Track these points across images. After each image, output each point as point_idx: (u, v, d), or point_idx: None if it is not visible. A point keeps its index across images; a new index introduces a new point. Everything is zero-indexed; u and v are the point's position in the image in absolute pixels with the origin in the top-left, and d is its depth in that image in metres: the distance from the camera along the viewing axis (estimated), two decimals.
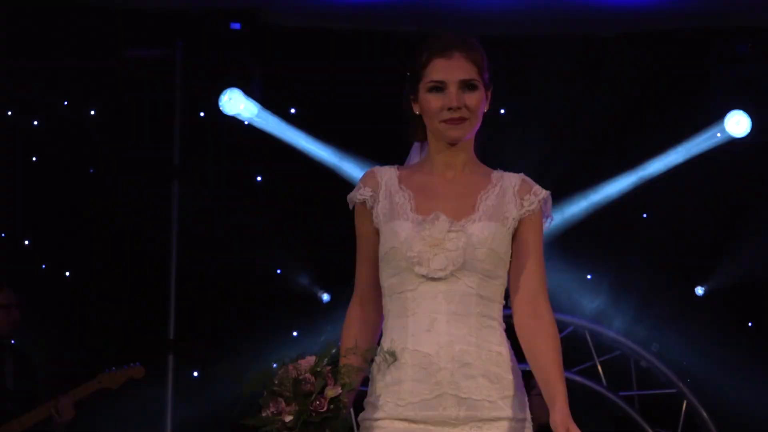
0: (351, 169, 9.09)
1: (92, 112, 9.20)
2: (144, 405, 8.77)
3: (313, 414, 3.67)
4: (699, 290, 9.35)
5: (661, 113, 9.30)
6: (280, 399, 3.69)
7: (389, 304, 3.91)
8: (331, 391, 3.68)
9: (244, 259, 9.14)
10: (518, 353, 3.89)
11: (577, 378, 8.16)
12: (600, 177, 9.00)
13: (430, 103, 3.86)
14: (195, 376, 9.15)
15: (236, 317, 8.89)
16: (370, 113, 8.34)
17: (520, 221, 3.93)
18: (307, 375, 3.68)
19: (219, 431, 8.92)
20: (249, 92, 9.08)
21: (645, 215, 9.28)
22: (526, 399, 3.92)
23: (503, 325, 3.92)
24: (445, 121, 3.85)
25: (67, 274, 9.16)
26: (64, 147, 9.03)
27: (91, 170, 9.14)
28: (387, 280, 3.90)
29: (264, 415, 3.71)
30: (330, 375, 3.72)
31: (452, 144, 3.93)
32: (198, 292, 9.19)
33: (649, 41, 9.15)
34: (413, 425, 3.81)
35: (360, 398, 3.87)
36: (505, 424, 3.82)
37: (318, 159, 9.17)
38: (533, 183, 3.99)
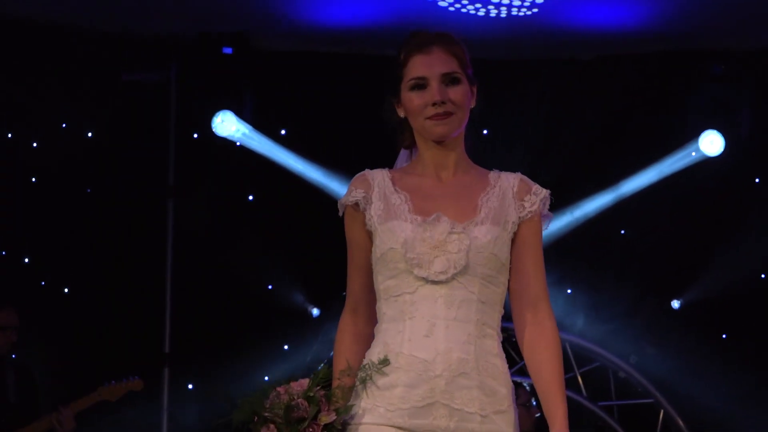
0: (339, 188, 9.06)
1: (89, 134, 9.20)
2: (141, 416, 8.74)
3: None
4: (675, 303, 9.35)
5: (638, 133, 9.34)
6: (272, 425, 3.52)
7: (384, 307, 3.72)
8: (325, 417, 3.53)
9: (237, 275, 9.12)
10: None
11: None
12: (580, 195, 8.98)
13: (413, 101, 3.71)
14: (190, 389, 9.11)
15: (230, 331, 8.86)
16: (357, 134, 8.35)
17: (520, 224, 3.76)
18: (300, 400, 3.52)
19: None
20: (241, 114, 9.10)
21: (623, 231, 9.29)
22: (517, 414, 3.74)
23: (500, 335, 3.76)
24: (430, 118, 3.69)
25: (66, 290, 9.13)
26: (62, 168, 9.02)
27: (89, 190, 9.13)
28: (383, 283, 3.72)
29: None
30: (323, 399, 3.57)
31: (440, 142, 3.76)
32: (193, 307, 9.18)
33: (627, 64, 9.19)
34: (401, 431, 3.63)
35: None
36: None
37: (308, 178, 9.17)
38: (532, 183, 3.82)
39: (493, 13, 8.45)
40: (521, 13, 8.53)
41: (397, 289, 3.66)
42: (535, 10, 8.43)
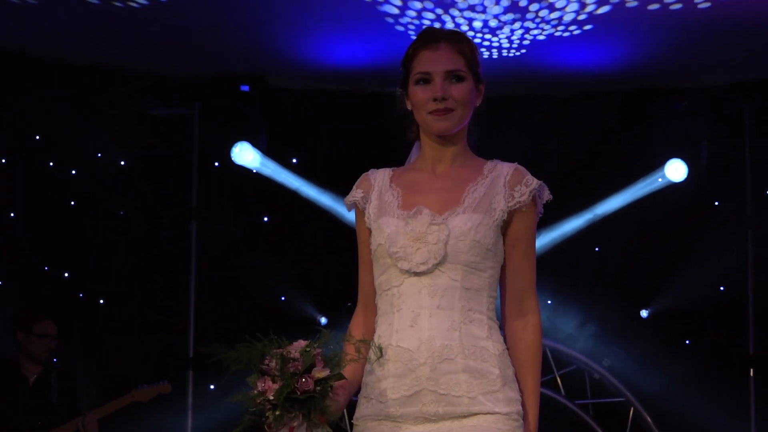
0: (344, 210, 8.96)
1: (122, 163, 9.19)
2: (168, 414, 8.75)
3: (298, 392, 3.31)
4: (644, 313, 9.34)
5: (611, 161, 9.36)
6: (267, 377, 3.34)
7: (379, 302, 3.61)
8: (320, 373, 3.34)
9: (253, 288, 9.14)
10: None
11: (540, 389, 8.25)
12: (559, 216, 9.04)
13: (417, 95, 3.56)
14: (211, 389, 9.07)
15: (247, 337, 8.75)
16: (360, 162, 8.37)
17: (510, 213, 3.57)
18: (296, 354, 3.33)
19: None
20: (256, 145, 9.09)
21: (597, 249, 9.30)
22: (518, 396, 3.51)
23: (495, 319, 3.57)
24: (431, 113, 3.54)
25: (102, 301, 9.12)
26: (97, 193, 9.05)
27: (122, 212, 9.12)
28: (377, 279, 3.62)
29: (251, 393, 3.35)
30: (319, 357, 3.37)
31: (440, 136, 3.61)
32: (214, 316, 9.19)
33: (600, 100, 9.21)
34: (395, 424, 3.48)
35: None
36: (485, 418, 3.42)
37: (316, 202, 9.16)
38: (526, 172, 3.63)
39: (486, 55, 8.49)
40: (511, 54, 8.55)
41: (387, 284, 3.55)
42: (524, 51, 8.46)
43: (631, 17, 7.94)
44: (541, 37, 8.26)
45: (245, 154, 9.06)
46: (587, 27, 8.10)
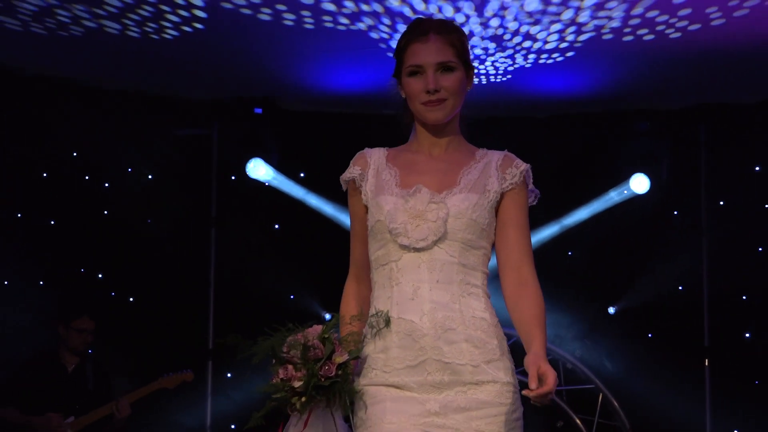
0: (346, 218, 9.08)
1: (150, 177, 9.21)
2: (190, 399, 8.76)
3: (322, 379, 3.25)
4: (611, 309, 9.37)
5: (583, 175, 9.36)
6: (290, 366, 3.25)
7: (375, 276, 3.49)
8: (339, 357, 3.30)
9: (266, 287, 9.11)
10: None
11: (519, 377, 8.17)
12: (536, 224, 8.95)
13: (410, 86, 3.44)
14: (228, 377, 9.06)
15: (259, 331, 8.68)
16: None
17: (503, 195, 3.47)
18: (316, 341, 3.27)
19: (247, 419, 8.98)
20: (269, 161, 9.10)
21: (570, 253, 9.27)
22: (512, 364, 3.41)
23: (488, 293, 3.47)
24: (424, 104, 3.43)
25: (131, 299, 9.14)
26: (128, 203, 9.06)
27: (149, 220, 9.13)
28: (374, 253, 3.49)
29: (274, 382, 3.28)
30: (337, 342, 3.33)
31: (433, 124, 3.49)
32: (231, 312, 9.20)
33: (574, 121, 9.23)
34: (400, 392, 3.35)
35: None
36: (489, 387, 3.33)
37: (321, 211, 9.20)
38: (515, 158, 3.55)
39: (475, 81, 8.48)
40: (497, 80, 8.56)
41: (385, 258, 3.44)
42: (509, 76, 8.44)
43: (602, 48, 7.91)
44: (527, 65, 8.25)
45: (258, 169, 9.07)
46: (559, 57, 8.11)
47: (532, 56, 8.08)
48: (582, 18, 7.34)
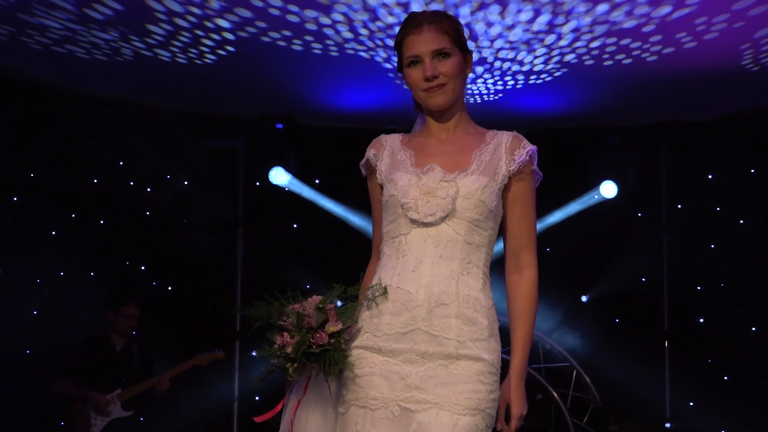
0: (355, 219, 9.16)
1: (185, 182, 9.23)
2: (220, 374, 8.80)
3: (314, 346, 3.09)
4: (584, 298, 9.40)
5: (560, 182, 8.82)
6: (285, 333, 3.13)
7: (385, 247, 3.32)
8: (333, 327, 3.13)
9: (285, 277, 9.03)
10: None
11: (504, 356, 8.06)
12: None
13: (411, 76, 3.30)
14: (253, 355, 9.11)
15: (265, 297, 8.38)
16: (366, 182, 8.36)
17: (511, 177, 3.28)
18: (311, 311, 3.13)
19: (272, 394, 8.52)
20: (288, 169, 9.12)
21: (548, 249, 9.24)
22: (499, 347, 3.23)
23: (488, 276, 3.27)
24: (425, 91, 3.27)
25: (170, 288, 9.18)
26: (167, 205, 9.10)
27: (185, 220, 9.16)
28: (386, 227, 3.32)
29: (272, 347, 3.17)
30: (332, 312, 3.16)
31: (437, 110, 3.33)
32: (255, 299, 9.05)
33: (552, 135, 9.18)
34: (386, 358, 3.18)
35: None
36: (470, 364, 3.13)
37: (333, 212, 9.22)
38: (523, 138, 3.36)
39: (471, 100, 8.43)
40: (489, 98, 8.51)
41: (395, 231, 3.28)
42: (501, 95, 8.40)
43: (577, 75, 7.87)
44: (519, 86, 8.16)
45: (279, 176, 9.08)
46: (541, 80, 8.07)
47: (520, 77, 8.03)
48: (560, 47, 7.32)
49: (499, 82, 8.15)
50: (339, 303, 3.30)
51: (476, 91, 8.37)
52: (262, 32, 7.03)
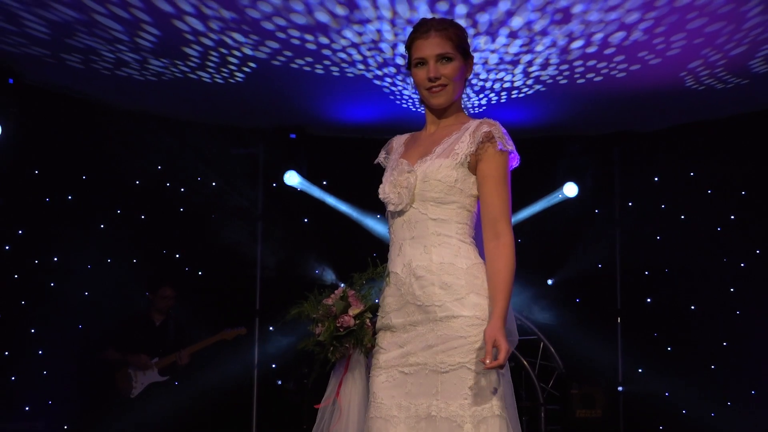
0: (357, 215, 9.14)
1: (213, 183, 9.18)
2: (242, 346, 8.74)
3: (341, 329, 3.14)
4: (549, 281, 9.39)
5: (529, 183, 8.93)
6: (320, 324, 3.16)
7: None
8: (355, 309, 3.16)
9: (298, 263, 9.13)
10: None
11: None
12: None
13: (417, 76, 3.20)
14: (271, 330, 9.11)
15: (292, 297, 8.44)
16: (367, 183, 8.36)
17: (476, 156, 3.11)
18: (337, 302, 3.17)
19: (287, 362, 8.92)
20: (300, 172, 9.11)
21: (519, 240, 8.74)
22: (483, 301, 3.05)
23: (466, 240, 3.12)
24: (428, 90, 3.18)
25: (200, 273, 9.12)
26: (198, 203, 9.05)
27: (213, 215, 9.11)
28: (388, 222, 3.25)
29: (311, 339, 3.17)
30: (354, 297, 3.18)
31: (438, 108, 3.22)
32: (272, 282, 9.22)
33: (524, 143, 8.67)
34: (394, 334, 3.14)
35: None
36: (452, 323, 3.02)
37: (338, 209, 9.17)
38: (486, 122, 3.15)
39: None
40: (474, 111, 8.39)
41: (389, 223, 3.23)
42: (484, 108, 8.31)
43: (547, 92, 7.82)
44: (503, 101, 8.16)
45: (293, 178, 9.07)
46: (515, 97, 8.08)
47: (505, 94, 7.99)
48: (532, 69, 7.32)
49: (484, 99, 8.14)
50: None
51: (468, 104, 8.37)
52: (274, 56, 7.06)
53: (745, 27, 6.44)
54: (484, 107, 8.35)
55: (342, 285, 3.26)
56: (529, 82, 7.64)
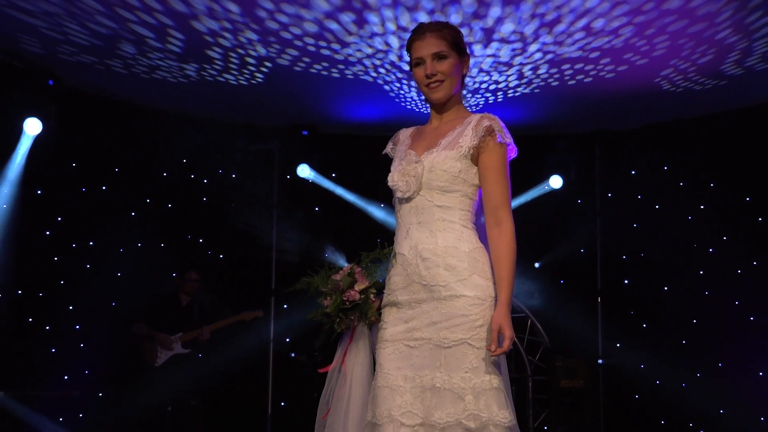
0: (364, 204, 9.13)
1: (233, 176, 9.19)
2: (258, 325, 8.63)
3: (347, 303, 3.11)
4: (537, 264, 9.34)
5: (519, 176, 8.62)
6: (328, 297, 3.13)
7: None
8: (361, 285, 3.14)
9: (309, 247, 9.10)
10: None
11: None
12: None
13: (416, 74, 3.17)
14: (285, 308, 9.08)
15: (308, 272, 8.34)
16: (373, 176, 8.34)
17: (478, 149, 3.09)
18: (341, 277, 3.14)
19: (298, 336, 8.94)
20: (312, 166, 9.10)
21: None
22: (485, 282, 3.04)
23: (468, 226, 3.09)
24: (427, 86, 3.15)
25: (221, 256, 9.11)
26: (220, 193, 9.05)
27: (233, 204, 9.10)
28: (394, 207, 3.23)
29: (319, 310, 3.14)
30: (360, 274, 3.15)
31: (438, 102, 3.18)
32: (285, 265, 9.18)
33: (515, 140, 8.87)
34: (399, 310, 3.10)
35: None
36: (455, 302, 3.00)
37: (345, 198, 9.16)
38: (487, 116, 3.14)
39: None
40: (472, 109, 8.11)
41: (396, 208, 3.20)
42: (480, 106, 8.22)
43: (536, 94, 7.79)
44: (500, 100, 8.12)
45: (305, 171, 9.07)
46: (502, 97, 8.06)
47: (500, 93, 7.96)
48: (525, 71, 7.33)
49: (482, 99, 8.11)
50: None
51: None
52: (295, 63, 7.12)
53: (717, 36, 6.44)
54: (480, 105, 8.35)
55: (348, 264, 3.25)
56: (521, 88, 7.67)
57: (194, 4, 6.07)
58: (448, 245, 3.04)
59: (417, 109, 8.26)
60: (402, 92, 7.85)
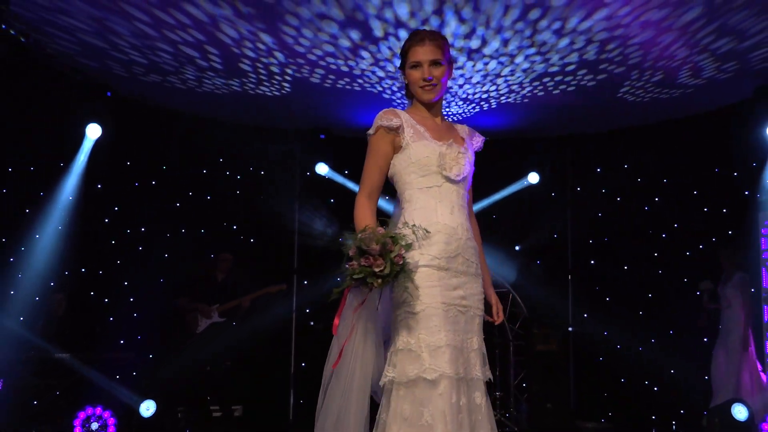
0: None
1: (261, 172, 9.06)
2: (282, 298, 8.63)
3: (397, 266, 2.74)
4: (517, 247, 9.29)
5: (502, 172, 9.08)
6: (369, 256, 2.70)
7: (416, 195, 3.03)
8: (391, 253, 2.73)
9: (326, 234, 9.03)
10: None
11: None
12: (477, 198, 8.82)
13: (412, 75, 3.09)
14: (306, 284, 9.05)
15: (321, 260, 8.61)
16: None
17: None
18: (388, 240, 2.72)
19: (317, 308, 8.93)
20: (328, 164, 9.01)
21: (494, 216, 9.14)
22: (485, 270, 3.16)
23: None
24: (421, 87, 3.08)
25: (252, 240, 9.05)
26: (250, 187, 8.96)
27: (261, 197, 8.96)
28: (417, 180, 3.03)
29: (357, 267, 2.69)
30: (389, 241, 2.74)
31: (427, 102, 3.12)
32: (306, 249, 9.15)
33: (499, 144, 8.78)
34: (441, 273, 2.93)
35: None
36: (480, 279, 3.04)
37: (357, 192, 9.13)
38: (474, 130, 3.27)
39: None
40: (456, 117, 8.26)
41: (429, 183, 3.01)
42: (464, 115, 8.15)
43: (520, 103, 7.69)
44: (487, 108, 8.04)
45: (322, 168, 9.00)
46: (488, 106, 8.05)
47: (486, 102, 7.91)
48: (512, 80, 7.32)
49: (467, 108, 8.05)
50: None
51: (451, 112, 8.17)
52: (311, 74, 7.11)
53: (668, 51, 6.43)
54: (465, 114, 8.24)
55: (380, 228, 2.84)
56: (511, 97, 7.64)
57: (234, 35, 6.08)
58: (470, 229, 3.09)
59: None
60: (405, 102, 7.87)
